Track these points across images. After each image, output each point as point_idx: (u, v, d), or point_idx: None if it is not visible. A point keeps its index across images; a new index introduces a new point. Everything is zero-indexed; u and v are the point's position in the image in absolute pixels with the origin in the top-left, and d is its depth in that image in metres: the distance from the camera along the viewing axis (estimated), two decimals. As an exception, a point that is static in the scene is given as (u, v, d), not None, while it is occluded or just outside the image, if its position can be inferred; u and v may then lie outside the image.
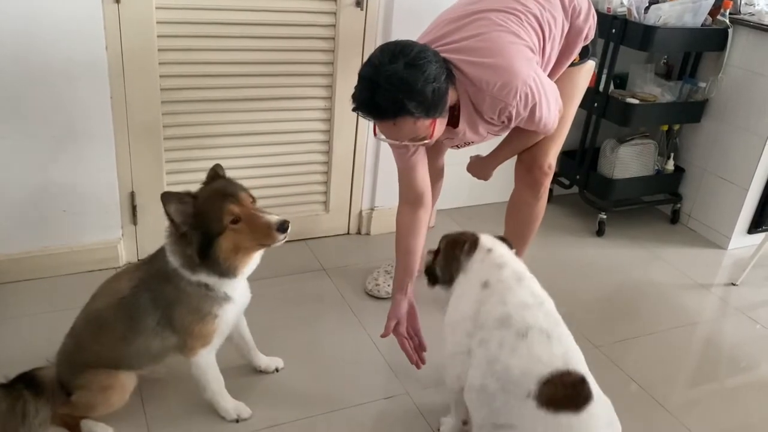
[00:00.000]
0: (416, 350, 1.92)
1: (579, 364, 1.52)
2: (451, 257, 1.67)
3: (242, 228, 1.56)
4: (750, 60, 2.85)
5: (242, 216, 1.56)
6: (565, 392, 1.45)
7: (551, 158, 2.14)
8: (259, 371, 1.97)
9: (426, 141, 1.79)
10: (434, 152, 2.29)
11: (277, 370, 1.99)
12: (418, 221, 2.03)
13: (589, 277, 2.71)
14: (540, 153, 2.11)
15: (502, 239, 1.72)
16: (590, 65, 2.11)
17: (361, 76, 1.69)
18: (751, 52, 2.84)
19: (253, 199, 1.65)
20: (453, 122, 1.89)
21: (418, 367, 1.91)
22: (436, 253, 1.74)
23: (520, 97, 1.76)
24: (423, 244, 2.05)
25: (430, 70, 1.64)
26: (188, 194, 1.56)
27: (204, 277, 1.60)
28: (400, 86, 1.61)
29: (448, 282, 1.70)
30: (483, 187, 2.42)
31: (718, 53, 2.93)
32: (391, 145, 1.92)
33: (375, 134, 1.83)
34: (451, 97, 1.77)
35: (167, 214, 1.53)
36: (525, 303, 1.56)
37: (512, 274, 1.60)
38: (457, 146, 2.13)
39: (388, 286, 2.40)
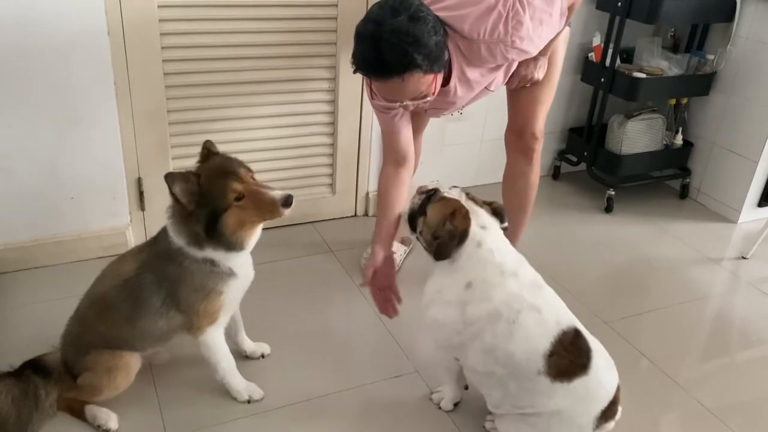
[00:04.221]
0: (390, 302, 1.93)
1: (567, 317, 1.57)
2: (438, 240, 1.59)
3: (246, 204, 1.57)
4: (759, 31, 2.81)
5: (246, 193, 1.56)
6: (570, 357, 1.51)
7: (540, 123, 2.17)
8: (245, 356, 1.96)
9: (427, 99, 1.77)
10: (414, 130, 2.30)
11: (263, 356, 1.98)
12: (401, 181, 2.05)
13: (598, 253, 2.70)
14: (530, 118, 2.15)
15: (496, 212, 1.65)
16: (566, 31, 2.12)
17: (362, 35, 1.65)
18: (759, 22, 2.80)
19: (252, 173, 1.65)
20: (444, 80, 1.87)
21: (390, 316, 1.93)
22: (422, 205, 1.65)
23: (507, 24, 1.74)
24: (404, 202, 2.03)
25: (431, 23, 1.64)
26: (192, 173, 1.56)
27: (210, 253, 1.60)
28: (407, 39, 1.59)
29: (433, 256, 1.63)
30: (486, 167, 2.42)
31: (726, 25, 2.89)
32: (378, 109, 1.92)
33: (372, 98, 1.80)
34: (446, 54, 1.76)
35: (173, 194, 1.54)
36: (508, 290, 1.55)
37: (496, 269, 1.56)
38: (442, 114, 2.15)
39: None
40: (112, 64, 2.15)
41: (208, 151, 1.66)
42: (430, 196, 1.66)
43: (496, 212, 1.66)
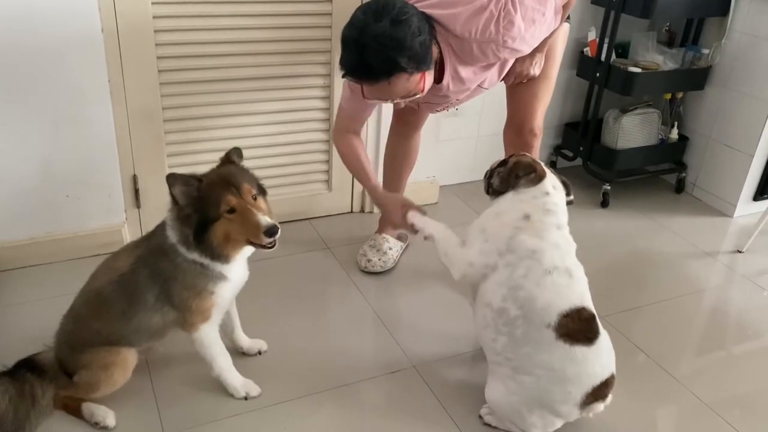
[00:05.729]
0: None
1: (589, 301, 1.67)
2: (512, 175, 1.70)
3: (236, 219, 1.57)
4: (753, 25, 2.81)
5: (238, 208, 1.56)
6: (580, 326, 1.59)
7: (539, 119, 2.18)
8: (242, 353, 1.96)
9: (417, 96, 1.79)
10: (413, 125, 2.34)
11: (259, 353, 1.98)
12: (361, 145, 2.12)
13: (595, 248, 2.70)
14: (528, 114, 2.16)
15: (565, 184, 1.75)
16: (566, 27, 2.13)
17: (347, 41, 1.68)
18: (754, 16, 2.80)
19: (263, 191, 1.65)
20: (437, 78, 1.89)
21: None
22: (501, 163, 1.77)
23: (498, 24, 1.74)
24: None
25: (414, 24, 1.66)
26: (194, 177, 1.56)
27: (197, 257, 1.61)
28: (390, 44, 1.62)
29: (496, 193, 1.74)
30: (482, 163, 2.39)
31: (721, 19, 2.90)
32: (353, 98, 1.95)
33: (364, 96, 1.82)
34: (433, 52, 1.78)
35: (172, 195, 1.54)
36: (558, 244, 1.63)
37: (555, 221, 1.65)
38: (437, 110, 2.18)
39: (379, 259, 2.42)
40: (106, 61, 2.14)
41: (227, 158, 1.66)
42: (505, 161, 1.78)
43: (565, 184, 1.75)
